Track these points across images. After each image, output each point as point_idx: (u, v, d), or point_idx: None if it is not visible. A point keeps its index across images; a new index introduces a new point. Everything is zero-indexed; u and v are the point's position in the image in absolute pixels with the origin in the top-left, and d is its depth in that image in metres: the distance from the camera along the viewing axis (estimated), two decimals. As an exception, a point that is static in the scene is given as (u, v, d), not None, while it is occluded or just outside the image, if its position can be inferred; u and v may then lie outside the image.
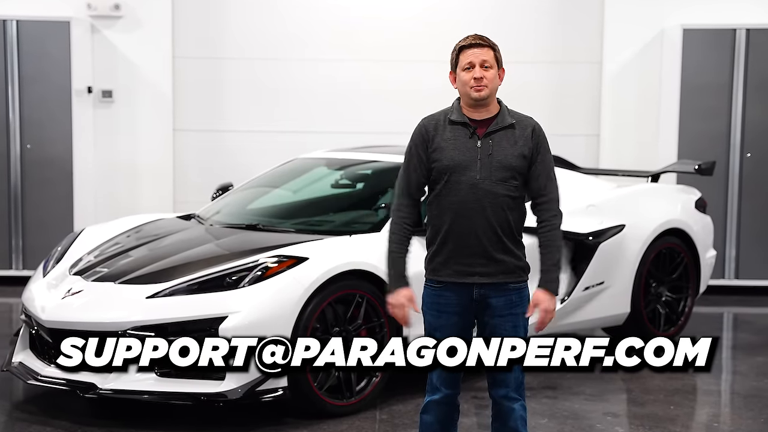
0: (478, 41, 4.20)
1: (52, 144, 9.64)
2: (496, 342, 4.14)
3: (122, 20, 9.85)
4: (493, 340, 4.15)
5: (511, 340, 4.14)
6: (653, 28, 9.86)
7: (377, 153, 7.37)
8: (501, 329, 4.20)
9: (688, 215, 7.78)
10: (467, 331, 4.26)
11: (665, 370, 4.30)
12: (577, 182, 7.59)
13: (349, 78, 10.18)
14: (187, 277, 5.72)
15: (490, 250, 4.14)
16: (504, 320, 4.19)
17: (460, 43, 4.23)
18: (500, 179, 4.14)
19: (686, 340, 4.30)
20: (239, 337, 4.99)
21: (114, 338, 5.00)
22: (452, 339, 4.17)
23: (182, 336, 5.43)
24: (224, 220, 6.90)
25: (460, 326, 4.22)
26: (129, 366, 5.23)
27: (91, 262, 6.29)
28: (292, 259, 5.73)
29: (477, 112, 4.20)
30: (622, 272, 7.22)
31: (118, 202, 9.97)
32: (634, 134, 10.03)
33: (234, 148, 10.19)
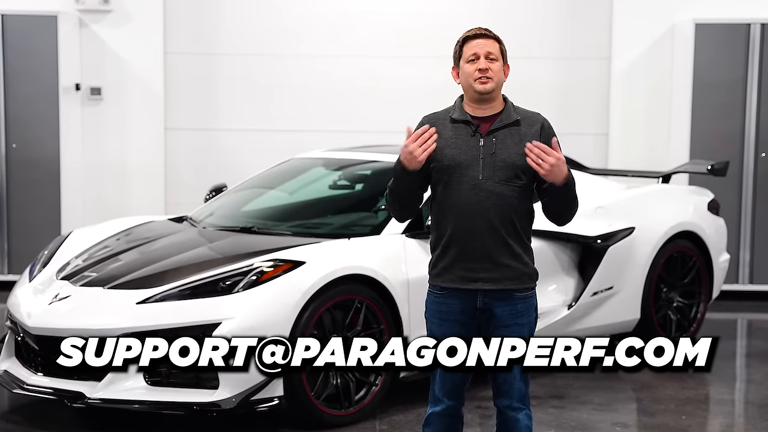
0: (483, 32, 4.19)
1: (38, 143, 9.65)
2: (496, 342, 4.13)
3: (111, 14, 9.86)
4: (493, 340, 4.13)
5: (511, 340, 4.13)
6: (664, 23, 9.86)
7: (377, 153, 7.38)
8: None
9: (700, 217, 7.79)
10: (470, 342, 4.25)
11: (665, 370, 4.33)
12: (585, 183, 7.58)
13: (347, 74, 10.18)
14: (179, 282, 5.73)
15: (495, 254, 4.10)
16: (509, 331, 4.16)
17: (464, 35, 4.22)
18: (504, 179, 4.10)
19: (686, 340, 4.33)
20: (239, 337, 4.99)
21: (114, 338, 4.98)
22: (452, 339, 4.15)
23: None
24: (218, 222, 6.90)
25: (462, 336, 4.19)
26: (129, 366, 5.21)
27: (79, 267, 6.29)
28: (288, 263, 5.73)
29: (480, 108, 4.17)
30: (631, 277, 7.23)
31: (107, 204, 9.98)
32: (644, 133, 10.03)
33: (228, 147, 10.19)
